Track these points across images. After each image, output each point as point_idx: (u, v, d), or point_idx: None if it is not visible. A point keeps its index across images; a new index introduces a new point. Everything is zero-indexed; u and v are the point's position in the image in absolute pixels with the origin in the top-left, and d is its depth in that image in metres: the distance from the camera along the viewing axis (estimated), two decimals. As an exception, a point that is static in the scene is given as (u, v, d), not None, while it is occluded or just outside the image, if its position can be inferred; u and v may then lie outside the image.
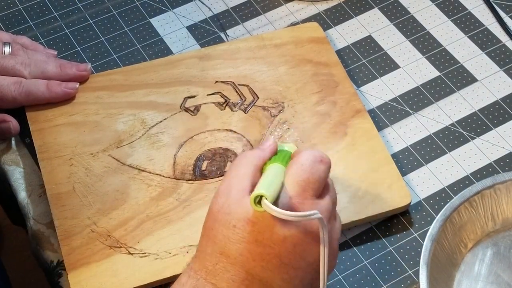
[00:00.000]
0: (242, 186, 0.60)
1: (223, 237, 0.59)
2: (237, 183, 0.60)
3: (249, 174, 0.61)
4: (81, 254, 0.71)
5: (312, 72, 0.84)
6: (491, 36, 0.89)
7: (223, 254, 0.59)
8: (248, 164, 0.62)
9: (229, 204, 0.59)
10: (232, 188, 0.60)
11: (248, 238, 0.58)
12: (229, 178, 0.61)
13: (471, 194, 0.72)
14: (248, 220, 0.58)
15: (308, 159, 0.61)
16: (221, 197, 0.60)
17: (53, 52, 0.85)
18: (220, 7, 0.92)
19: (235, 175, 0.61)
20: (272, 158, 0.63)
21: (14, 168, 0.79)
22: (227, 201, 0.60)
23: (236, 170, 0.61)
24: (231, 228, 0.59)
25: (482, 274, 0.71)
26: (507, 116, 0.83)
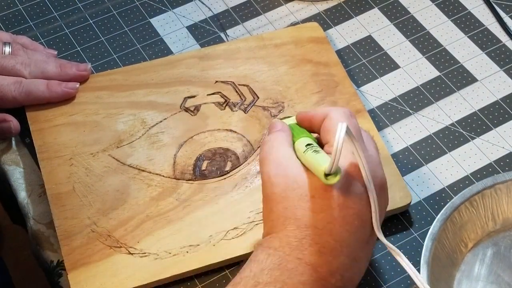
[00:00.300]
0: (295, 162, 0.62)
1: (304, 210, 0.60)
2: (287, 161, 0.62)
3: (292, 153, 0.63)
4: (81, 254, 0.71)
5: (312, 72, 0.84)
6: (491, 36, 0.89)
7: (310, 226, 0.59)
8: (284, 144, 0.64)
9: (294, 179, 0.61)
10: (285, 166, 0.61)
11: (331, 204, 0.59)
12: (274, 161, 0.62)
13: (471, 193, 0.72)
14: (325, 187, 0.59)
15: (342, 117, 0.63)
16: (276, 178, 0.61)
17: (53, 52, 0.85)
18: (220, 7, 0.92)
19: (279, 155, 0.62)
20: (294, 134, 0.65)
21: (14, 168, 0.79)
22: (289, 178, 0.61)
23: (275, 152, 0.63)
24: (310, 200, 0.60)
25: (483, 274, 0.71)
26: (507, 116, 0.83)
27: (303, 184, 0.60)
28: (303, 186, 0.60)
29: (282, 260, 0.59)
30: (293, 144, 0.65)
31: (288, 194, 0.60)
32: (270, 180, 0.62)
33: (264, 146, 0.65)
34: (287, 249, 0.59)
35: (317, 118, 0.65)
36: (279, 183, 0.61)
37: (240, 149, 0.78)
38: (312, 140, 0.65)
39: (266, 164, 0.63)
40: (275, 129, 0.66)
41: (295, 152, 0.64)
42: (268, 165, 0.62)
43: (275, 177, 0.61)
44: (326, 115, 0.64)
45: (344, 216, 0.60)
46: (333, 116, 0.64)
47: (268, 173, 0.62)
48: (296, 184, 0.60)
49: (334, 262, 0.60)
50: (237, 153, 0.78)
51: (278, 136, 0.65)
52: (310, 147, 0.63)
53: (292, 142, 0.65)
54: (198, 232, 0.73)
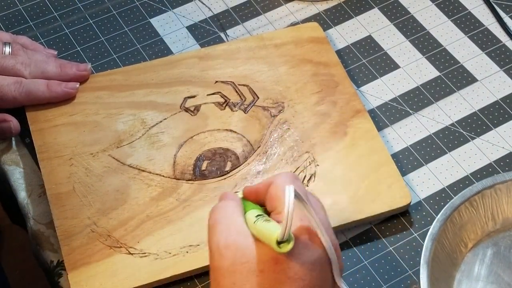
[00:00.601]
0: (245, 233, 0.58)
1: (252, 286, 0.56)
2: (238, 232, 0.58)
3: (243, 222, 0.59)
4: (81, 254, 0.71)
5: (312, 72, 0.84)
6: (491, 36, 0.89)
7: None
8: (235, 213, 0.60)
9: (243, 253, 0.57)
10: (236, 237, 0.58)
11: (281, 278, 0.56)
12: (224, 230, 0.59)
13: (471, 193, 0.72)
14: (274, 260, 0.56)
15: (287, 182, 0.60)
16: (226, 250, 0.58)
17: (53, 52, 0.85)
18: (220, 7, 0.92)
19: (230, 224, 0.59)
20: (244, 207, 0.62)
21: (14, 168, 0.79)
22: (238, 250, 0.57)
23: (226, 222, 0.60)
24: (259, 275, 0.57)
25: (482, 274, 0.71)
26: (507, 116, 0.83)
27: (251, 257, 0.57)
28: (251, 259, 0.57)
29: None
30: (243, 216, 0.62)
31: (236, 268, 0.57)
32: (219, 252, 0.58)
33: (214, 213, 0.61)
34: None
35: (262, 188, 0.62)
36: (228, 256, 0.57)
37: (240, 149, 0.78)
38: (261, 211, 0.62)
39: (215, 234, 0.59)
40: (226, 198, 0.63)
41: (247, 224, 0.60)
42: (218, 234, 0.59)
43: (224, 249, 0.58)
44: (270, 183, 0.61)
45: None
46: (277, 182, 0.61)
47: (218, 243, 0.58)
48: (244, 257, 0.57)
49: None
50: (237, 153, 0.78)
51: (230, 204, 0.61)
52: (260, 217, 0.59)
53: (243, 213, 0.61)
54: (198, 232, 0.73)
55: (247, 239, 0.58)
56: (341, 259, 0.61)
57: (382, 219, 0.75)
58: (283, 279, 0.56)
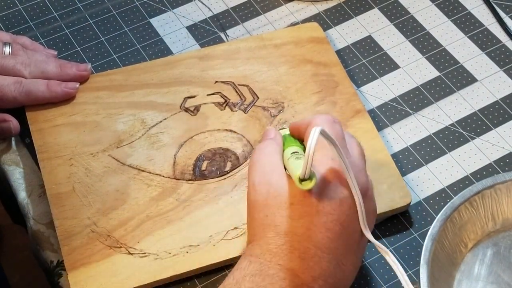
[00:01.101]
0: (279, 171, 0.62)
1: (283, 218, 0.60)
2: (272, 170, 0.63)
3: (280, 161, 0.63)
4: (81, 254, 0.71)
5: (312, 72, 0.84)
6: (491, 36, 0.89)
7: (289, 233, 0.59)
8: (273, 153, 0.64)
9: (276, 189, 0.61)
10: (270, 174, 0.62)
11: (310, 210, 0.59)
12: (260, 169, 0.63)
13: (471, 194, 0.72)
14: (304, 194, 0.60)
15: (325, 123, 0.63)
16: (260, 186, 0.62)
17: (53, 52, 0.85)
18: (220, 7, 0.92)
19: (266, 164, 0.63)
20: (285, 143, 0.66)
21: (14, 168, 0.79)
22: (272, 186, 0.61)
23: (263, 160, 0.64)
24: (289, 207, 0.60)
25: (482, 274, 0.71)
26: (507, 116, 0.83)
27: (283, 192, 0.61)
28: (283, 193, 0.61)
29: (263, 266, 0.59)
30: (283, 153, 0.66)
31: (269, 202, 0.61)
32: (254, 188, 0.62)
33: (254, 152, 0.65)
34: (267, 256, 0.60)
35: (303, 126, 0.65)
36: (262, 191, 0.62)
37: (240, 149, 0.78)
38: (299, 149, 0.65)
39: (252, 172, 0.63)
40: (267, 136, 0.67)
41: (283, 160, 0.64)
42: (254, 173, 0.63)
43: (259, 185, 0.62)
44: (310, 122, 0.65)
45: (324, 222, 0.60)
46: (314, 122, 0.64)
47: (253, 180, 0.63)
48: (277, 192, 0.61)
49: (316, 267, 0.59)
50: (237, 153, 0.78)
51: (269, 144, 0.65)
52: (295, 154, 0.63)
53: (282, 151, 0.65)
54: (198, 232, 0.73)
55: (280, 176, 0.62)
56: (373, 201, 0.65)
57: (382, 219, 0.75)
58: (312, 212, 0.60)
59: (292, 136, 0.68)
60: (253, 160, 0.64)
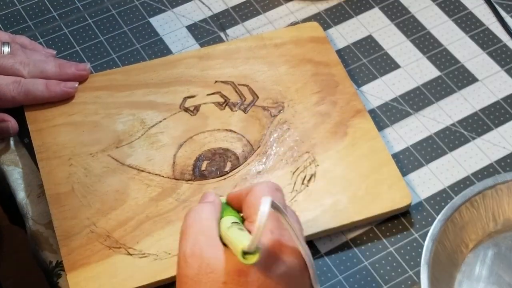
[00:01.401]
0: (214, 241, 0.57)
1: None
2: (207, 240, 0.57)
3: (214, 229, 0.58)
4: (80, 255, 0.71)
5: (312, 72, 0.83)
6: (492, 36, 0.89)
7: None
8: (208, 219, 0.59)
9: (209, 262, 0.56)
10: (204, 245, 0.57)
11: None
12: (193, 237, 0.58)
13: (472, 194, 0.72)
14: (238, 272, 0.55)
15: (266, 191, 0.59)
16: (192, 258, 0.57)
17: (52, 52, 0.84)
18: (220, 6, 0.91)
19: (200, 232, 0.58)
20: (223, 212, 0.61)
21: (13, 168, 0.79)
22: (204, 260, 0.56)
23: (198, 226, 0.58)
24: (222, 286, 0.55)
25: (483, 275, 0.71)
26: (508, 116, 0.82)
27: (217, 268, 0.56)
28: (216, 270, 0.55)
29: None
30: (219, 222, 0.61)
31: (201, 278, 0.56)
32: (185, 260, 0.57)
33: (188, 216, 0.60)
34: None
35: (243, 195, 0.61)
36: (193, 265, 0.56)
37: (240, 149, 0.78)
38: (238, 219, 0.61)
39: (184, 239, 0.58)
40: (205, 199, 0.62)
41: (220, 230, 0.59)
42: (186, 241, 0.58)
43: (191, 257, 0.57)
44: (250, 190, 0.60)
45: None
46: (255, 190, 0.60)
47: (184, 251, 0.57)
48: (209, 268, 0.56)
49: None
50: (237, 153, 0.78)
51: (205, 208, 0.60)
52: (234, 224, 0.58)
53: (219, 218, 0.60)
54: (198, 233, 0.72)
55: (215, 248, 0.57)
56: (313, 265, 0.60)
57: (382, 220, 0.75)
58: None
59: (230, 206, 0.63)
60: (187, 224, 0.59)
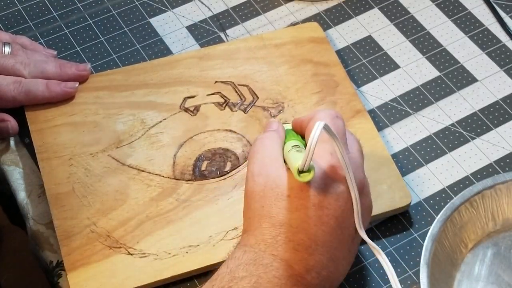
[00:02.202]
0: (278, 163, 0.63)
1: (279, 209, 0.60)
2: (272, 162, 0.63)
3: (280, 153, 0.64)
4: (81, 255, 0.71)
5: (312, 72, 0.83)
6: (491, 36, 0.89)
7: (284, 224, 0.60)
8: (274, 145, 0.65)
9: (274, 179, 0.61)
10: (269, 166, 0.62)
11: (306, 203, 0.60)
12: (260, 160, 0.63)
13: (471, 194, 0.72)
14: (301, 187, 0.60)
15: (327, 118, 0.64)
16: (258, 177, 0.62)
17: (52, 52, 0.85)
18: (220, 7, 0.92)
19: (266, 155, 0.64)
20: (287, 137, 0.67)
21: (13, 168, 0.79)
22: (270, 177, 0.62)
23: (263, 151, 0.64)
24: (286, 199, 0.60)
25: (483, 275, 0.71)
26: (508, 116, 0.83)
27: (281, 184, 0.61)
28: (281, 185, 0.61)
29: (258, 256, 0.60)
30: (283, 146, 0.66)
31: (266, 193, 0.61)
32: (253, 179, 0.63)
33: (255, 143, 0.66)
34: (262, 246, 0.60)
35: (306, 121, 0.66)
36: (260, 182, 0.62)
37: (240, 149, 0.78)
38: (300, 143, 0.65)
39: (252, 162, 0.64)
40: (270, 128, 0.68)
41: (283, 153, 0.65)
42: (254, 163, 0.64)
43: (258, 176, 0.63)
44: (312, 117, 0.65)
45: (319, 216, 0.60)
46: (318, 117, 0.64)
47: (252, 171, 0.63)
48: (274, 183, 0.61)
49: (310, 259, 0.60)
50: (237, 153, 0.78)
51: (270, 136, 0.66)
52: (295, 147, 0.64)
53: (283, 143, 0.66)
54: (198, 233, 0.72)
55: (279, 168, 0.62)
56: (369, 197, 0.65)
57: (382, 219, 0.75)
58: (308, 205, 0.60)
59: (294, 131, 0.68)
60: (254, 151, 0.65)
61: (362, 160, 0.66)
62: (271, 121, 0.69)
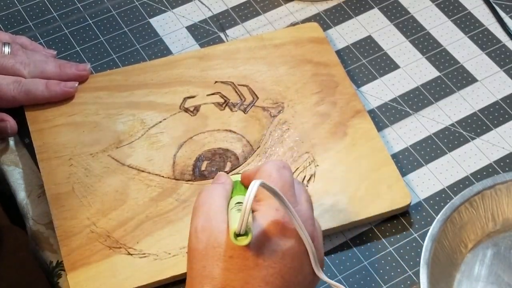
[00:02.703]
0: (221, 218, 0.59)
1: (221, 270, 0.58)
2: (215, 216, 0.60)
3: (224, 208, 0.60)
4: (81, 255, 0.71)
5: (312, 72, 0.83)
6: (491, 36, 0.89)
7: (226, 286, 0.57)
8: (220, 198, 0.61)
9: (216, 237, 0.58)
10: (213, 221, 0.59)
11: (248, 264, 0.58)
12: (204, 213, 0.60)
13: (471, 194, 0.72)
14: (243, 247, 0.57)
15: (273, 169, 0.61)
16: (202, 233, 0.59)
17: (52, 52, 0.85)
18: (220, 7, 0.92)
19: (211, 209, 0.60)
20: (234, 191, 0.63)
21: (13, 169, 0.79)
22: (212, 235, 0.59)
23: (208, 205, 0.61)
24: (228, 260, 0.58)
25: (483, 275, 0.71)
26: (507, 116, 0.83)
27: (223, 243, 0.58)
28: (223, 244, 0.58)
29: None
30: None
31: (208, 251, 0.59)
32: (196, 235, 0.60)
33: (200, 195, 0.62)
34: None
35: (252, 174, 0.63)
36: (202, 240, 0.59)
37: (240, 149, 0.78)
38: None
39: (196, 216, 0.61)
40: (218, 181, 0.64)
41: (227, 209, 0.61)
42: (198, 218, 0.60)
43: (201, 232, 0.59)
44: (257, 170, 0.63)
45: (263, 276, 0.58)
46: (263, 169, 0.62)
47: (196, 226, 0.60)
48: (216, 242, 0.58)
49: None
50: (237, 154, 0.78)
51: (217, 188, 0.62)
52: (237, 205, 0.61)
53: (229, 197, 0.63)
54: (198, 233, 0.72)
55: (222, 224, 0.59)
56: (321, 250, 0.62)
57: (382, 220, 0.75)
58: (250, 265, 0.58)
59: (242, 184, 0.65)
60: (198, 203, 0.62)
61: (312, 212, 0.62)
62: (219, 174, 0.65)
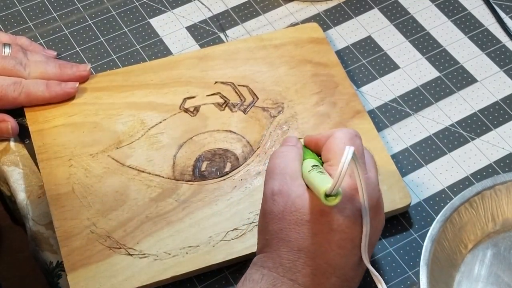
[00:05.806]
0: (298, 182, 0.62)
1: (298, 234, 0.60)
2: (292, 180, 0.62)
3: (299, 171, 0.63)
4: (81, 255, 0.71)
5: (312, 73, 0.84)
6: (491, 37, 0.89)
7: (303, 250, 0.60)
8: (294, 161, 0.63)
9: (293, 201, 0.61)
10: (290, 185, 0.61)
11: (325, 228, 0.60)
12: (280, 176, 0.62)
13: (471, 194, 0.72)
14: (320, 212, 0.60)
15: (345, 137, 0.63)
16: (278, 196, 0.61)
17: (52, 53, 0.85)
18: (220, 7, 0.92)
19: (286, 172, 0.62)
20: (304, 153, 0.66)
21: (13, 169, 0.79)
22: (290, 198, 0.61)
23: (284, 167, 0.63)
24: (305, 224, 0.60)
25: (482, 275, 0.71)
26: (507, 116, 0.83)
27: (301, 207, 0.61)
28: (300, 209, 0.60)
29: (276, 281, 0.60)
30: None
31: (285, 215, 0.61)
32: (272, 198, 0.62)
33: (274, 157, 0.64)
34: (280, 270, 0.60)
35: (322, 140, 0.65)
36: (279, 203, 0.61)
37: (240, 150, 0.78)
38: (318, 162, 0.65)
39: (272, 178, 0.63)
40: (289, 143, 0.66)
41: (302, 172, 0.64)
42: (274, 180, 0.62)
43: (277, 195, 0.61)
44: (330, 135, 0.65)
45: (337, 240, 0.60)
46: (337, 136, 0.64)
47: (272, 189, 0.62)
48: (294, 206, 0.61)
49: (326, 283, 0.61)
50: (237, 154, 0.78)
51: (291, 151, 0.65)
52: (315, 168, 0.63)
53: (302, 161, 0.65)
54: (198, 233, 0.72)
55: (299, 188, 0.61)
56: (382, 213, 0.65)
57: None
58: (326, 230, 0.60)
59: (309, 149, 0.67)
60: (273, 165, 0.63)
61: (377, 176, 0.65)
62: (289, 136, 0.68)
